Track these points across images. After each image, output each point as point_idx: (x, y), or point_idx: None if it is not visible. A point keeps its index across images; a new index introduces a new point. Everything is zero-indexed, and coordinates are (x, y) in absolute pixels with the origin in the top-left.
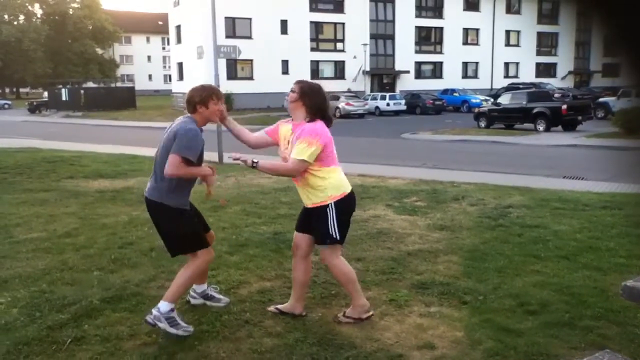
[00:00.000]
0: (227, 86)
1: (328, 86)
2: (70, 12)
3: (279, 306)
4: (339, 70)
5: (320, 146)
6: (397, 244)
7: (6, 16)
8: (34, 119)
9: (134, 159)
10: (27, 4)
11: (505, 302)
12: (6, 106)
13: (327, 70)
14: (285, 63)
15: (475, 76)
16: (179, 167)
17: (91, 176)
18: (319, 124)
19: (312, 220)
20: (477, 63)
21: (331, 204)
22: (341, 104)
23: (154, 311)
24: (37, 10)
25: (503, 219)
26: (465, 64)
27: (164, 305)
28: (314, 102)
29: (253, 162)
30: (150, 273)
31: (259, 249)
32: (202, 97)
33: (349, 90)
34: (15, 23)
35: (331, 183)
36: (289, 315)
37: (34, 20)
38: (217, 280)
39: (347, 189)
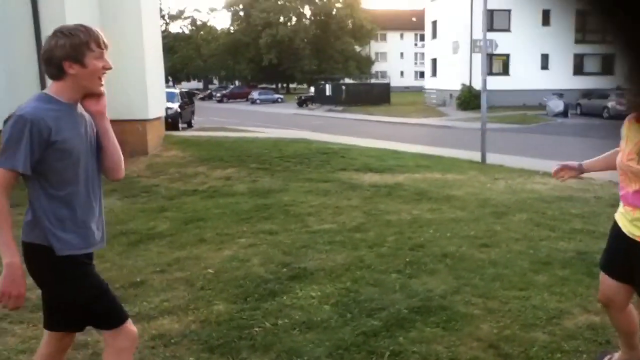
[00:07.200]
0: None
1: (592, 82)
2: (334, 12)
3: (615, 356)
4: (607, 65)
5: None
6: None
7: (281, 18)
8: (301, 112)
9: (397, 155)
10: (299, 7)
11: None
12: (279, 100)
13: (593, 64)
14: (545, 57)
15: None
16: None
17: (361, 169)
18: None
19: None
20: None
21: None
22: (610, 103)
23: None
24: (307, 11)
25: None
26: None
27: None
28: None
29: None
30: (451, 284)
31: (568, 270)
32: (71, 46)
33: (618, 88)
34: (289, 24)
35: None
36: None
37: (303, 20)
38: (531, 304)
39: None
